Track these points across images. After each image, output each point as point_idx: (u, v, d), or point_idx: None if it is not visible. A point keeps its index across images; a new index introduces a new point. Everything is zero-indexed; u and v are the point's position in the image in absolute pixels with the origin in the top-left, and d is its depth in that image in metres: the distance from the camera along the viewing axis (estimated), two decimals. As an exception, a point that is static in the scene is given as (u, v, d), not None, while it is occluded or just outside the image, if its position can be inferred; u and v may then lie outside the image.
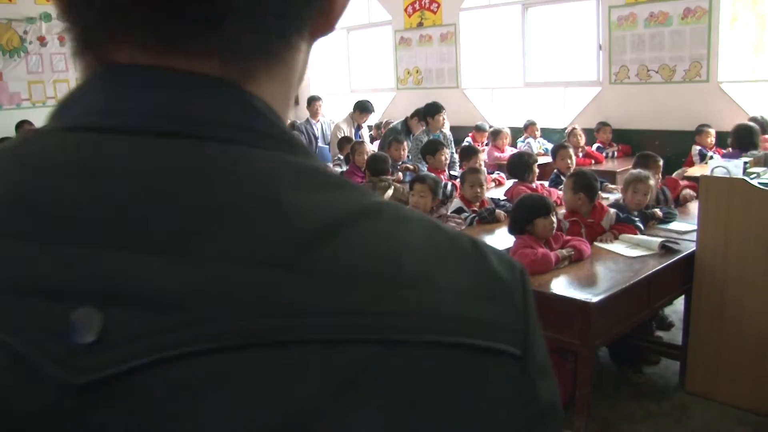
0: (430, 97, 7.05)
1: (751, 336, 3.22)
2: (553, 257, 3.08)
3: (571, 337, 2.78)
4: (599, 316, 2.73)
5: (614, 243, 3.50)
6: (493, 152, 7.36)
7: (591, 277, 2.99)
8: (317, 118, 8.53)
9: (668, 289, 3.34)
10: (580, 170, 4.36)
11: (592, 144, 7.16)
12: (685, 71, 6.81)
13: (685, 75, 6.81)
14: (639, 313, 3.14)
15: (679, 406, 3.38)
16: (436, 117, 6.44)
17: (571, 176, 3.84)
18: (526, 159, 4.78)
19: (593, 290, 2.80)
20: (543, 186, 4.84)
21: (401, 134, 7.04)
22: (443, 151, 5.31)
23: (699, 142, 6.41)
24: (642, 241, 3.43)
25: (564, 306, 2.79)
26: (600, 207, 3.70)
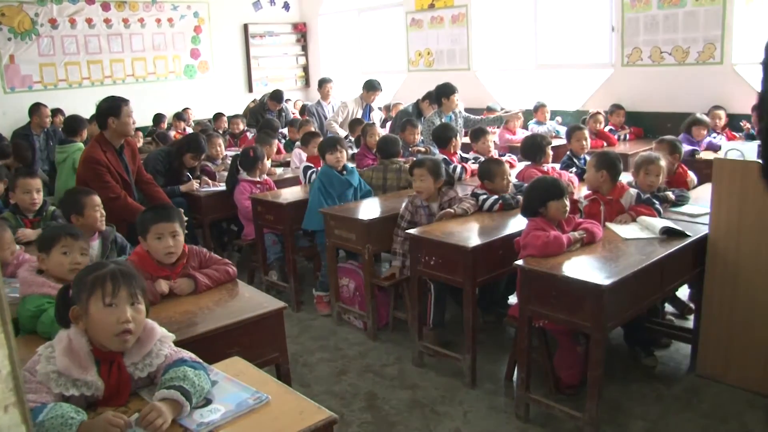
0: (441, 80, 6.96)
1: (763, 319, 3.18)
2: (565, 240, 3.05)
3: (582, 319, 2.76)
4: (611, 299, 2.70)
5: (621, 225, 3.45)
6: (504, 134, 7.30)
7: (603, 260, 2.95)
8: (328, 99, 8.47)
9: (680, 273, 3.30)
10: (605, 150, 4.32)
11: (604, 127, 7.09)
12: (698, 53, 6.69)
13: (699, 57, 6.69)
14: (651, 296, 3.11)
15: (690, 389, 3.36)
16: (450, 97, 6.36)
17: (595, 155, 3.79)
18: (540, 141, 4.72)
19: (605, 273, 2.77)
20: (554, 168, 4.78)
21: (413, 117, 6.99)
22: (456, 138, 5.29)
23: (710, 123, 6.32)
24: (649, 224, 3.40)
25: (576, 289, 2.76)
26: (620, 186, 3.66)
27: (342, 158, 4.68)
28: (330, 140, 4.82)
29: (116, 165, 4.42)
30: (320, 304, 4.68)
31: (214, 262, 2.93)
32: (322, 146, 4.77)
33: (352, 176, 4.75)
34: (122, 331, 1.81)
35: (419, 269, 3.61)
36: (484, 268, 3.39)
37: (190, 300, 2.69)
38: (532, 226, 3.14)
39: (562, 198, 3.15)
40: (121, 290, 1.82)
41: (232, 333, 2.47)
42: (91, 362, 1.81)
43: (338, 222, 4.23)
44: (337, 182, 4.61)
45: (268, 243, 5.01)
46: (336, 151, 4.65)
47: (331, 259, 4.40)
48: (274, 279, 4.98)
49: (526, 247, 3.09)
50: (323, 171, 4.66)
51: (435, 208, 4.01)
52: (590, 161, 3.74)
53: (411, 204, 4.04)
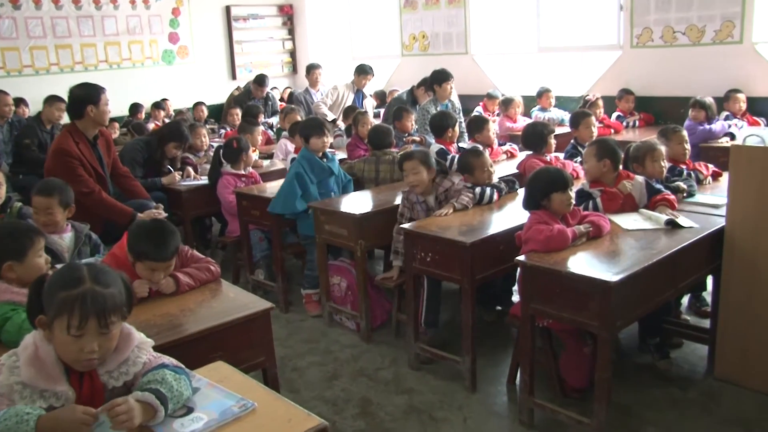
0: (437, 64, 6.96)
1: (784, 317, 3.18)
2: (569, 233, 3.04)
3: (589, 318, 2.75)
4: (619, 296, 2.69)
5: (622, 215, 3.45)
6: (504, 122, 7.30)
7: (610, 255, 2.95)
8: (317, 87, 8.46)
9: (695, 268, 3.30)
10: (602, 137, 4.32)
11: (612, 113, 7.10)
12: (715, 32, 6.63)
13: (716, 36, 6.63)
14: (663, 294, 3.10)
15: (707, 393, 3.35)
16: (443, 85, 6.35)
17: (593, 143, 3.80)
18: (542, 130, 4.72)
19: (613, 268, 2.76)
20: (558, 158, 4.79)
21: (407, 104, 6.98)
22: (453, 127, 5.26)
23: (728, 108, 6.31)
24: (652, 214, 3.40)
25: (582, 285, 2.75)
26: (625, 175, 3.66)
27: (327, 143, 4.67)
28: (315, 122, 4.78)
29: (90, 157, 4.39)
30: (310, 303, 4.67)
31: (195, 260, 2.92)
32: (306, 128, 4.69)
33: (333, 164, 4.74)
34: (86, 359, 1.76)
35: (415, 266, 3.60)
36: (483, 264, 3.39)
37: (171, 301, 2.68)
38: (535, 220, 3.14)
39: (566, 189, 3.15)
40: (90, 321, 1.73)
41: (216, 336, 2.46)
42: (59, 371, 1.76)
43: (328, 217, 4.22)
44: (319, 168, 4.59)
45: (253, 240, 5.00)
46: (323, 134, 4.62)
47: (321, 257, 4.39)
48: (261, 278, 4.97)
49: (528, 241, 3.08)
50: (304, 155, 4.62)
51: (431, 201, 4.01)
52: (589, 150, 3.74)
53: (407, 200, 4.03)
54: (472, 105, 8.19)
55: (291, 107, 7.06)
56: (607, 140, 3.80)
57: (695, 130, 5.84)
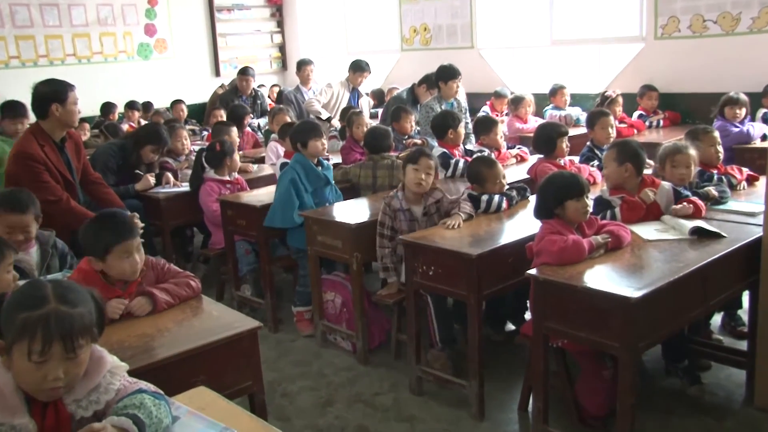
0: (439, 60, 6.97)
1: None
2: (586, 245, 3.04)
3: (608, 338, 2.75)
4: (642, 314, 2.69)
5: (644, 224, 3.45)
6: (513, 123, 7.32)
7: (632, 268, 2.94)
8: (308, 85, 8.48)
9: (728, 283, 3.27)
10: (623, 139, 4.33)
11: (633, 112, 7.10)
12: (752, 19, 6.57)
13: (753, 24, 6.57)
14: (691, 311, 3.09)
15: (746, 424, 3.31)
16: (449, 83, 6.35)
17: (613, 146, 3.80)
18: (555, 131, 4.73)
19: (635, 283, 2.76)
20: (572, 162, 4.80)
21: (408, 104, 7.00)
22: (456, 129, 5.25)
23: (765, 105, 6.26)
24: (676, 223, 3.39)
25: (600, 302, 2.75)
26: (650, 181, 3.66)
27: (324, 146, 4.68)
28: (310, 124, 4.80)
29: (56, 161, 4.36)
30: (301, 322, 4.67)
31: (173, 274, 2.92)
32: (300, 131, 4.68)
33: (329, 172, 4.75)
34: (50, 388, 1.73)
35: (416, 281, 3.60)
36: (491, 278, 3.38)
37: (147, 321, 2.67)
38: (547, 230, 3.14)
39: (582, 197, 3.15)
40: (54, 346, 1.69)
41: (198, 359, 2.46)
42: (20, 401, 1.74)
43: (321, 227, 4.22)
44: (314, 176, 4.60)
45: (239, 252, 5.00)
46: (321, 136, 4.63)
47: (313, 271, 4.40)
48: (248, 294, 4.97)
49: (540, 253, 3.08)
50: (298, 160, 4.61)
51: (417, 212, 4.01)
52: (608, 154, 3.74)
53: (389, 207, 4.01)
54: (478, 104, 8.21)
55: (280, 107, 7.06)
56: (629, 142, 3.80)
57: (728, 131, 5.75)
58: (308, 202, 4.53)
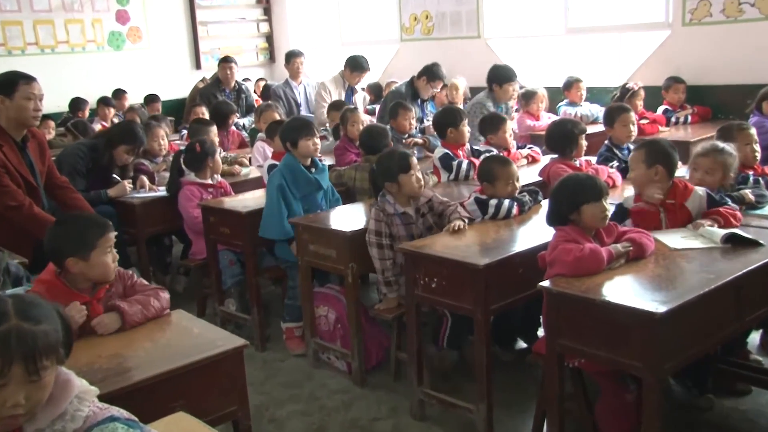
0: (442, 50, 7.00)
1: None
2: (605, 254, 3.03)
3: (630, 358, 2.74)
4: (669, 331, 2.68)
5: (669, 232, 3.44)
6: (524, 120, 7.31)
7: (656, 280, 2.93)
8: (299, 79, 8.49)
9: (766, 297, 3.23)
10: (653, 138, 4.32)
11: (657, 106, 7.08)
12: (796, 1, 6.47)
13: (796, 7, 6.47)
14: (724, 329, 3.07)
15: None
16: (505, 86, 6.48)
17: (641, 146, 3.78)
18: (570, 129, 4.73)
19: (660, 296, 2.75)
20: (589, 163, 4.80)
21: (407, 98, 7.00)
22: (458, 127, 5.24)
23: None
24: (706, 230, 3.38)
25: (621, 317, 2.74)
26: (683, 185, 3.65)
27: (317, 146, 4.65)
28: (300, 121, 4.79)
29: (17, 163, 4.32)
30: (291, 340, 4.67)
31: (139, 288, 2.92)
32: (290, 130, 4.66)
33: (322, 176, 4.72)
34: (8, 416, 1.68)
35: (417, 294, 3.60)
36: (499, 291, 3.39)
37: (120, 340, 2.67)
38: (562, 237, 3.13)
39: (600, 200, 3.15)
40: (14, 367, 1.65)
41: (177, 381, 2.45)
42: None
43: (313, 235, 4.22)
44: (304, 181, 4.58)
45: (223, 263, 5.00)
46: (312, 135, 4.61)
47: (304, 283, 4.39)
48: (232, 309, 4.97)
49: (554, 263, 3.07)
50: (288, 163, 4.60)
51: (412, 212, 4.04)
52: (635, 155, 3.72)
53: (382, 213, 4.00)
54: (485, 99, 8.21)
55: (268, 104, 7.04)
56: (660, 141, 3.79)
57: (766, 127, 5.67)
58: (297, 210, 4.52)
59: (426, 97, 7.38)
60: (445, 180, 5.11)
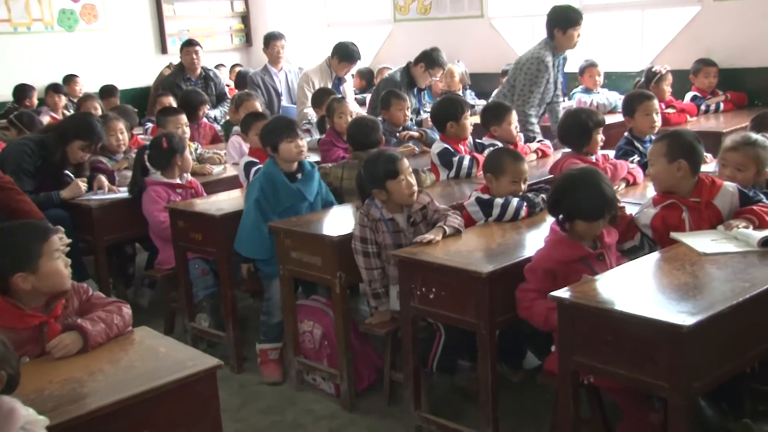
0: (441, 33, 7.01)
1: None
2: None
3: (655, 377, 2.74)
4: (698, 346, 2.67)
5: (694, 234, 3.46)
6: (534, 110, 7.33)
7: (684, 289, 2.94)
8: (279, 65, 8.48)
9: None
10: (674, 129, 4.33)
11: (685, 93, 7.08)
12: None
13: None
14: (761, 343, 3.06)
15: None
16: (569, 31, 6.22)
17: (661, 138, 3.79)
18: (584, 119, 4.71)
19: (687, 307, 2.74)
20: (607, 158, 4.80)
21: (402, 87, 7.00)
22: (459, 120, 5.23)
23: None
24: (740, 231, 3.39)
25: (644, 331, 2.74)
26: (710, 181, 3.65)
27: (301, 149, 4.60)
28: (282, 122, 4.72)
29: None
30: (266, 364, 4.64)
31: (97, 303, 2.90)
32: (269, 133, 4.62)
33: (308, 184, 4.62)
34: None
35: (413, 306, 3.61)
36: (506, 302, 3.40)
37: (74, 362, 2.65)
38: (540, 264, 3.28)
39: (597, 219, 3.27)
40: None
41: (141, 408, 2.44)
42: None
43: (296, 240, 4.22)
44: (285, 193, 4.52)
45: (194, 274, 5.00)
46: (296, 137, 4.55)
47: (286, 295, 4.39)
48: (204, 325, 4.95)
49: (529, 307, 3.30)
50: (268, 171, 4.56)
51: (402, 221, 4.02)
52: (655, 149, 3.74)
53: (367, 218, 4.00)
54: (489, 86, 8.23)
55: (248, 93, 6.99)
56: (682, 133, 3.80)
57: None
58: None
59: (423, 86, 7.38)
60: (444, 178, 5.11)
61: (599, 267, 3.31)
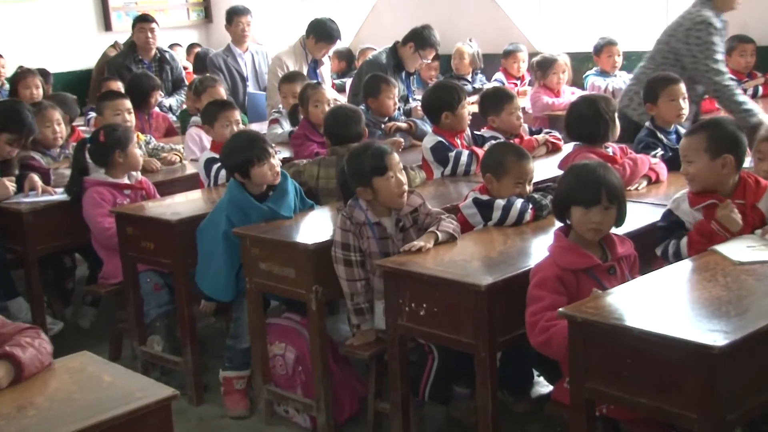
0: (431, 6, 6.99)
1: None
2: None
3: (682, 407, 2.73)
4: (732, 371, 2.67)
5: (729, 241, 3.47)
6: (540, 96, 7.35)
7: (716, 303, 2.94)
8: (244, 45, 8.48)
9: None
10: (714, 118, 4.34)
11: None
12: None
13: None
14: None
15: None
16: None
17: (700, 130, 3.78)
18: (600, 108, 4.73)
19: (720, 326, 2.74)
20: (625, 151, 4.81)
21: (389, 71, 7.01)
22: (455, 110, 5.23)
23: None
24: None
25: (669, 353, 2.73)
26: (753, 180, 3.67)
27: (276, 169, 4.52)
28: (251, 140, 4.59)
29: None
30: (230, 395, 4.63)
31: (16, 330, 2.84)
32: (234, 156, 4.49)
33: (282, 200, 4.55)
34: None
35: (401, 324, 3.61)
36: (508, 319, 3.40)
37: (2, 395, 2.62)
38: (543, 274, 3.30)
39: (593, 203, 3.26)
40: None
41: (82, 447, 2.43)
42: None
43: (265, 249, 4.23)
44: (258, 217, 4.45)
45: (146, 289, 4.99)
46: (267, 157, 4.44)
47: (254, 313, 4.39)
48: (158, 350, 4.95)
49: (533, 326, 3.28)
50: (233, 199, 4.47)
51: (389, 225, 4.03)
52: (692, 143, 3.73)
53: (350, 221, 3.98)
54: (490, 69, 8.25)
55: (212, 78, 6.93)
56: (722, 123, 3.82)
57: None
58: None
59: (413, 70, 7.39)
60: (438, 176, 5.11)
61: (609, 282, 3.30)
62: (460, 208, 4.11)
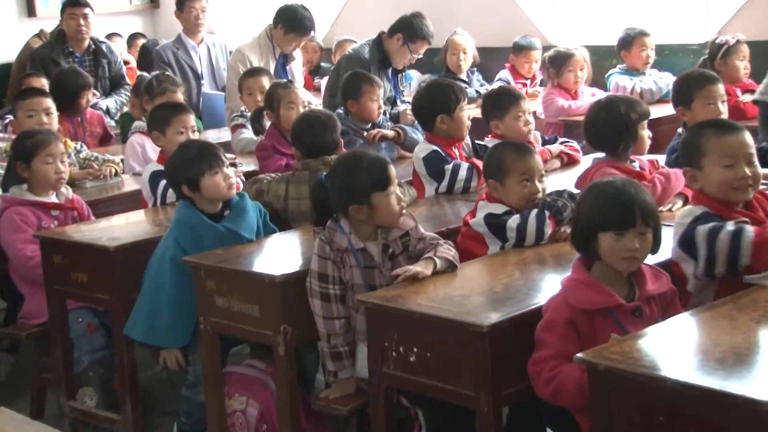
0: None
1: None
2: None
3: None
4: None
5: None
6: (554, 99, 7.37)
7: (754, 345, 2.99)
8: (198, 36, 8.50)
9: None
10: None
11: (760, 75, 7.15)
12: None
13: None
14: None
15: None
16: None
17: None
18: (624, 113, 4.75)
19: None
20: (655, 165, 4.85)
21: (372, 67, 7.03)
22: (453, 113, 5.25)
23: None
24: None
25: (710, 408, 2.74)
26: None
27: (230, 180, 4.56)
28: (195, 150, 4.64)
29: None
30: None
31: None
32: (181, 166, 4.54)
33: (241, 220, 4.61)
34: None
35: (386, 373, 3.62)
36: (515, 368, 3.41)
37: None
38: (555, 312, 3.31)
39: (627, 226, 3.27)
40: None
41: None
42: None
43: (223, 282, 4.24)
44: (213, 239, 4.49)
45: (77, 331, 5.00)
46: (220, 165, 4.51)
47: (209, 360, 4.40)
48: (90, 405, 4.95)
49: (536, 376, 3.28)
50: (181, 220, 4.52)
51: (374, 251, 4.04)
52: None
53: (329, 247, 4.00)
54: (495, 67, 8.29)
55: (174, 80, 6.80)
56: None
57: None
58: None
59: (401, 66, 7.41)
60: (431, 194, 5.12)
61: (633, 326, 3.29)
62: (471, 225, 4.12)
